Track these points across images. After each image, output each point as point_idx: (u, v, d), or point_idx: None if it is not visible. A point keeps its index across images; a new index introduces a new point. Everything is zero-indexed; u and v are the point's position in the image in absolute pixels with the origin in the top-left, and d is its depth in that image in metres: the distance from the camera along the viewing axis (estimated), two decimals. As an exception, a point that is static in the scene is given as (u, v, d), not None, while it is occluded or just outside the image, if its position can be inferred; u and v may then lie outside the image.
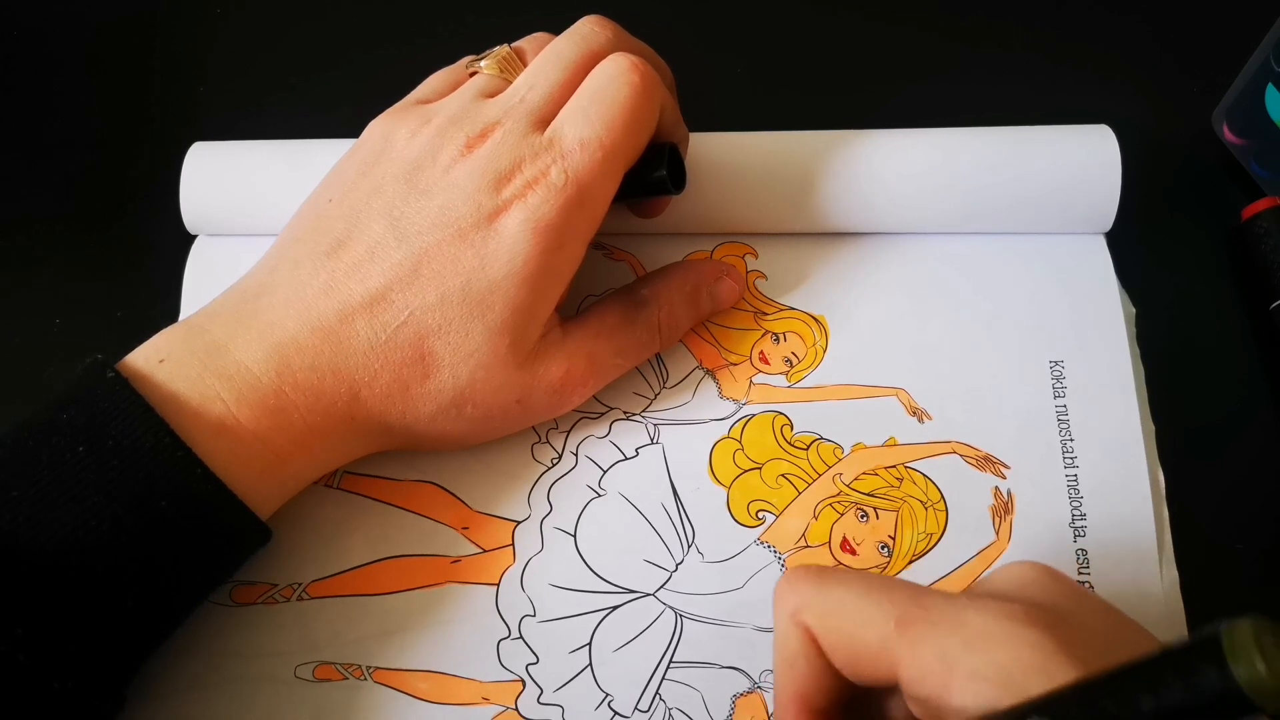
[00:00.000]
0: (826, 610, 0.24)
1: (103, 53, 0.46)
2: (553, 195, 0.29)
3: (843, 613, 0.23)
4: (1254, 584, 0.33)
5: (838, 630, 0.24)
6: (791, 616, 0.24)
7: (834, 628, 0.24)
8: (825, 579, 0.24)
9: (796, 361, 0.35)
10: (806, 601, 0.24)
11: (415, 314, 0.29)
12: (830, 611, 0.24)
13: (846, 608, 0.23)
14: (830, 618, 0.24)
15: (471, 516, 0.34)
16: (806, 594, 0.24)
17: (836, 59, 0.43)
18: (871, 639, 0.23)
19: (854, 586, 0.24)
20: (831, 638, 0.24)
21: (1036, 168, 0.35)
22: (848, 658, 0.24)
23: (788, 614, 0.24)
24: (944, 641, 0.22)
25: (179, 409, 0.27)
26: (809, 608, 0.24)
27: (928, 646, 0.22)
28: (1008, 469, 0.33)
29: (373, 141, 0.32)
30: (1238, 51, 0.38)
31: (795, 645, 0.24)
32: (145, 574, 0.27)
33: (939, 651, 0.22)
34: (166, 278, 0.38)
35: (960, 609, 0.22)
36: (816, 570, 0.25)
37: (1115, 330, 0.35)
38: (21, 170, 0.43)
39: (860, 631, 0.23)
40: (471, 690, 0.31)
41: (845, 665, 0.24)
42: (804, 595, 0.24)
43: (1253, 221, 0.37)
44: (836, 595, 0.24)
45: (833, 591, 0.24)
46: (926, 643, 0.22)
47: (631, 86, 0.30)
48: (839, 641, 0.24)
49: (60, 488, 0.26)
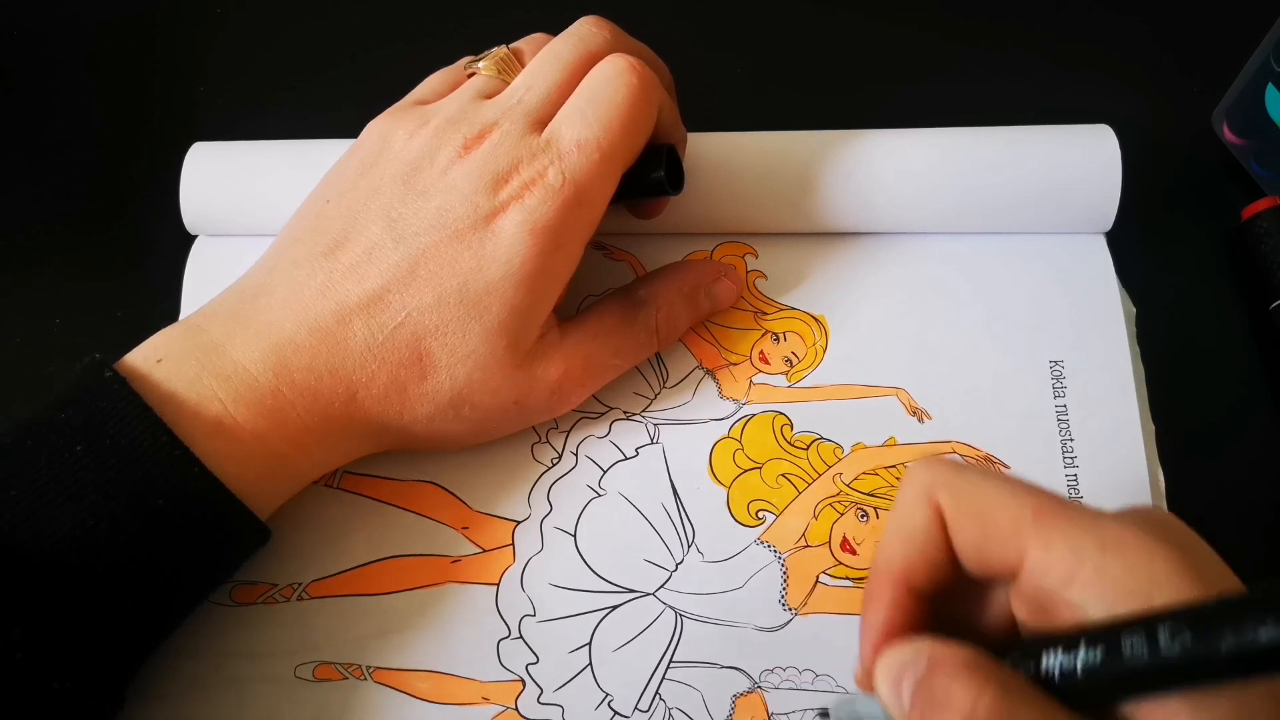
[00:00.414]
0: (964, 490, 0.24)
1: (103, 53, 0.46)
2: (550, 196, 0.29)
3: (981, 495, 0.23)
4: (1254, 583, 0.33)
5: (971, 511, 0.23)
6: (924, 491, 0.24)
7: (968, 507, 0.23)
8: (965, 465, 0.25)
9: (796, 361, 0.35)
10: (944, 478, 0.24)
11: (412, 315, 0.29)
12: (967, 492, 0.24)
13: (986, 491, 0.23)
14: (967, 498, 0.23)
15: (471, 516, 0.34)
16: (945, 473, 0.24)
17: (836, 59, 0.43)
18: (1005, 524, 0.23)
19: (993, 476, 0.24)
20: (964, 517, 0.23)
21: (1037, 167, 0.35)
22: (975, 538, 0.23)
23: (920, 488, 0.24)
24: (1080, 537, 0.22)
25: (177, 409, 0.27)
26: (946, 485, 0.24)
27: (1062, 539, 0.22)
28: (1008, 469, 0.33)
29: (371, 142, 0.32)
30: (1238, 51, 0.38)
31: (920, 519, 0.24)
32: (143, 573, 0.27)
33: (1073, 546, 0.21)
34: (166, 278, 0.38)
35: (1099, 516, 0.22)
36: (954, 461, 0.25)
37: (1115, 330, 0.35)
38: (22, 170, 0.43)
39: (995, 514, 0.23)
40: (471, 690, 0.31)
41: (970, 546, 0.23)
42: (942, 474, 0.24)
43: (1253, 221, 0.37)
44: (975, 480, 0.24)
45: (972, 476, 0.24)
46: (1062, 535, 0.22)
47: (629, 87, 0.30)
48: (970, 521, 0.23)
49: (58, 487, 0.26)
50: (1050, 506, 0.22)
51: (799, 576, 0.32)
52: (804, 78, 0.43)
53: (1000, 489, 0.23)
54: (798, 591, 0.32)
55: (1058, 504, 0.23)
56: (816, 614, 0.32)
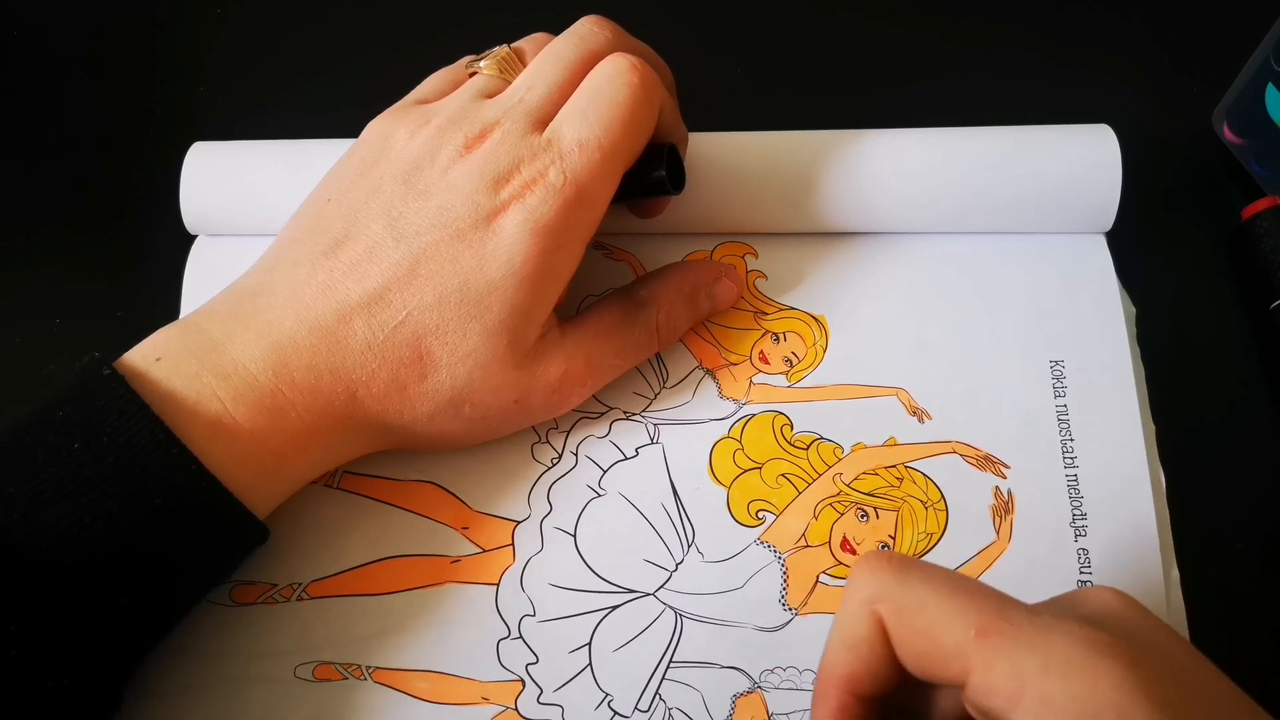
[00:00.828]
0: (906, 605, 0.23)
1: (103, 53, 0.46)
2: (551, 196, 0.29)
3: (924, 612, 0.23)
4: (1255, 583, 0.33)
5: (914, 627, 0.23)
6: (865, 602, 0.23)
7: (911, 624, 0.23)
8: (909, 573, 0.23)
9: (796, 361, 0.35)
10: (886, 592, 0.23)
11: (413, 314, 0.29)
12: (910, 608, 0.23)
13: (929, 607, 0.23)
14: (909, 614, 0.23)
15: (471, 516, 0.34)
16: (888, 584, 0.23)
17: (836, 59, 0.43)
18: (948, 642, 0.22)
19: (938, 586, 0.23)
20: (905, 633, 0.23)
21: (1037, 167, 0.35)
22: (918, 655, 0.23)
23: (862, 599, 0.24)
24: (1023, 659, 0.21)
25: (175, 407, 0.27)
26: (888, 599, 0.23)
27: (1005, 661, 0.21)
28: (1008, 469, 0.33)
29: (372, 141, 0.32)
30: (1238, 51, 0.38)
31: (862, 631, 0.23)
32: (141, 571, 0.27)
33: (1015, 668, 0.21)
34: (166, 278, 0.38)
35: (1045, 630, 0.21)
36: (900, 560, 0.24)
37: (1115, 330, 0.35)
38: (22, 170, 0.43)
39: (938, 633, 0.22)
40: (471, 690, 0.31)
41: (912, 661, 0.23)
42: (884, 584, 0.23)
43: (1253, 221, 0.37)
44: (919, 593, 0.23)
45: (916, 588, 0.23)
46: (1004, 656, 0.21)
47: (630, 87, 0.30)
48: (913, 638, 0.23)
49: (55, 484, 0.26)
50: (994, 623, 0.22)
51: (799, 576, 0.32)
52: (804, 78, 0.43)
53: (943, 603, 0.23)
54: (798, 591, 0.32)
55: (1002, 619, 0.22)
56: (817, 614, 0.32)
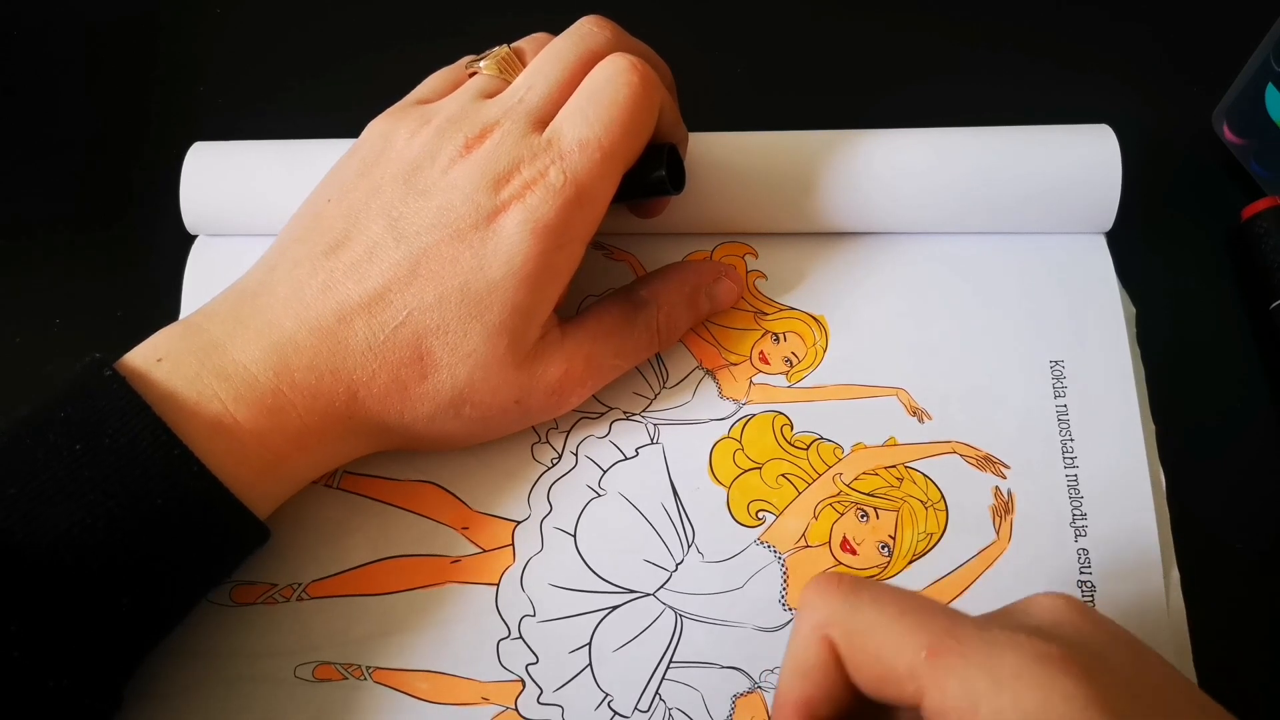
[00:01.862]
0: (856, 630, 0.23)
1: (103, 53, 0.46)
2: (551, 196, 0.29)
3: (873, 635, 0.23)
4: (1255, 583, 0.33)
5: (865, 651, 0.23)
6: (816, 628, 0.24)
7: (862, 648, 0.23)
8: (858, 596, 0.23)
9: (796, 361, 0.35)
10: (836, 617, 0.23)
11: (413, 314, 0.29)
12: (860, 631, 0.23)
13: (878, 631, 0.23)
14: (859, 637, 0.23)
15: (471, 516, 0.34)
16: (837, 609, 0.23)
17: (836, 59, 0.43)
18: (900, 665, 0.22)
19: (887, 608, 0.23)
20: (858, 658, 0.23)
21: (1037, 167, 0.35)
22: (871, 678, 0.23)
23: (812, 624, 0.24)
24: (974, 677, 0.21)
25: (176, 407, 0.27)
26: (837, 624, 0.23)
27: (956, 680, 0.21)
28: (1008, 469, 0.33)
29: (372, 142, 0.32)
30: (1238, 51, 0.38)
31: (814, 657, 0.24)
32: (141, 572, 0.27)
33: (967, 687, 0.21)
34: (166, 278, 0.38)
35: (995, 645, 0.22)
36: (850, 584, 0.24)
37: (1115, 330, 0.35)
38: (22, 170, 0.43)
39: (889, 656, 0.22)
40: (471, 690, 0.31)
41: (866, 684, 0.23)
42: (834, 609, 0.23)
43: (1253, 221, 0.37)
44: (868, 616, 0.23)
45: (865, 612, 0.23)
46: (955, 676, 0.21)
47: (630, 87, 0.30)
48: (865, 662, 0.23)
49: (56, 485, 0.26)
50: (944, 642, 0.22)
51: (799, 576, 0.32)
52: (804, 78, 0.43)
53: (893, 625, 0.23)
54: (798, 591, 0.32)
55: (951, 637, 0.22)
56: (817, 614, 0.32)
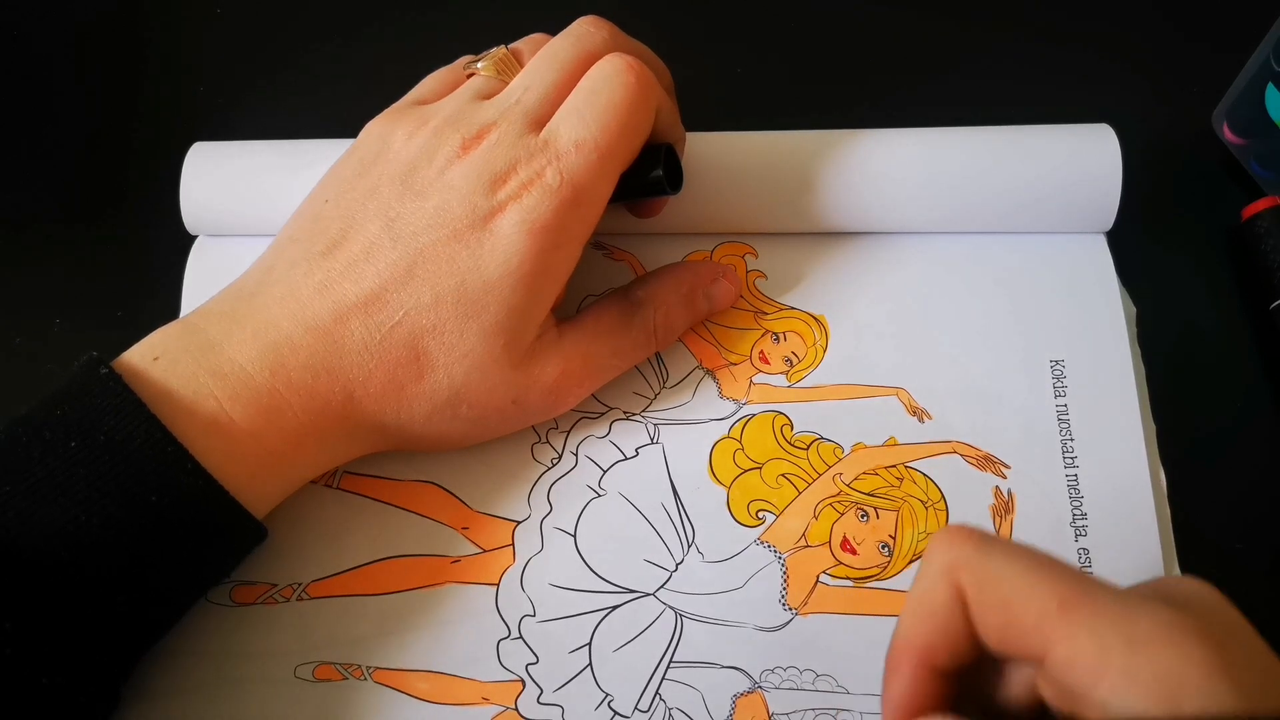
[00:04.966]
0: (987, 575, 0.23)
1: (103, 52, 0.46)
2: (548, 196, 0.29)
3: (1006, 582, 0.22)
4: (1255, 583, 0.33)
5: (995, 598, 0.22)
6: (946, 571, 0.23)
7: (991, 594, 0.22)
8: (990, 543, 0.23)
9: (796, 361, 0.35)
10: (967, 560, 0.23)
11: (410, 314, 0.29)
12: (991, 578, 0.22)
13: (1011, 578, 0.22)
14: (990, 584, 0.22)
15: (471, 516, 0.34)
16: (968, 553, 0.23)
17: (836, 59, 0.43)
18: (1029, 615, 0.22)
19: (1019, 559, 0.23)
20: (986, 604, 0.23)
21: (1037, 167, 0.35)
22: (998, 626, 0.22)
23: (942, 567, 0.23)
24: (1107, 634, 0.21)
25: (172, 406, 0.27)
26: (969, 567, 0.23)
27: (1089, 635, 0.21)
28: (1008, 469, 0.33)
29: (370, 142, 0.32)
30: (1238, 51, 0.38)
31: (942, 599, 0.23)
32: (136, 570, 0.27)
33: (1100, 643, 0.21)
34: (166, 278, 0.38)
35: (1130, 606, 0.21)
36: (980, 534, 0.23)
37: (1116, 330, 0.35)
38: (22, 170, 0.43)
39: (1019, 604, 0.22)
40: (471, 690, 0.31)
41: (991, 632, 0.23)
42: (965, 554, 0.23)
43: (1253, 221, 0.37)
44: (1000, 564, 0.22)
45: (996, 559, 0.23)
46: (1088, 630, 0.21)
47: (626, 87, 0.30)
48: (993, 609, 0.22)
49: (51, 482, 0.26)
50: (1077, 597, 0.21)
51: (799, 576, 0.32)
52: (804, 78, 0.43)
53: (1025, 575, 0.22)
54: (798, 591, 0.32)
55: (1085, 594, 0.22)
56: (817, 614, 0.32)
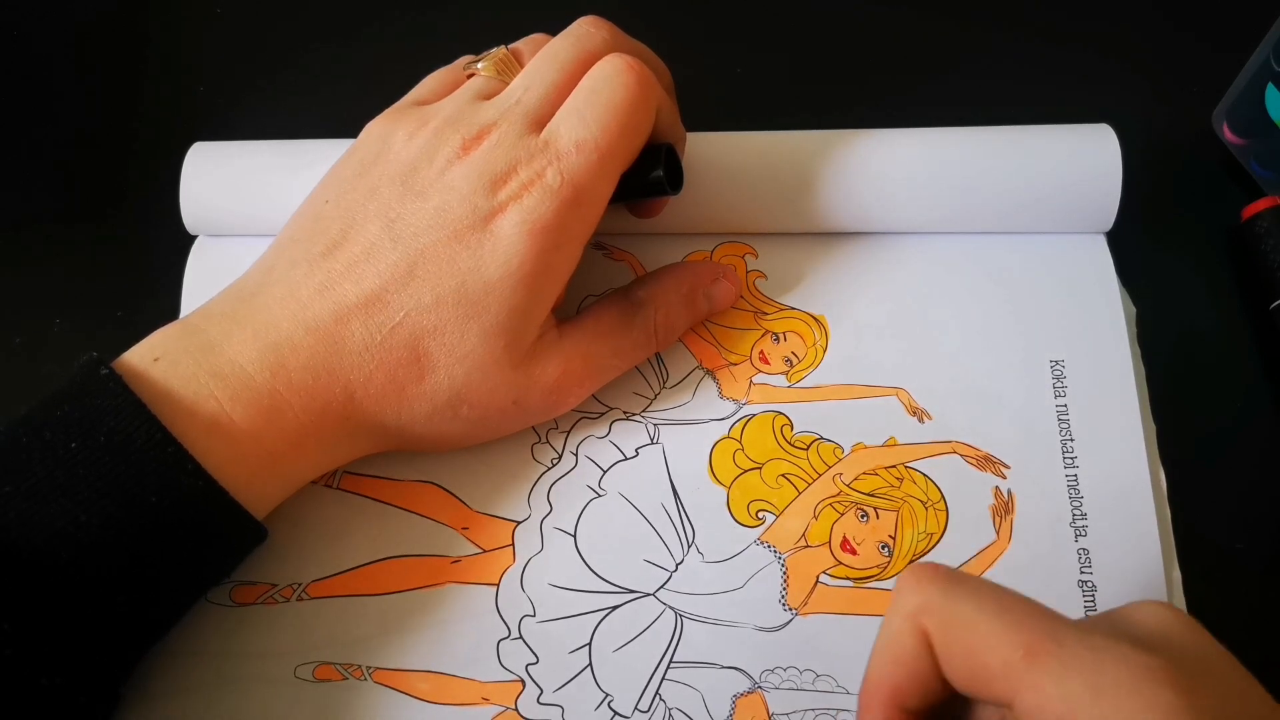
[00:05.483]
0: (953, 621, 0.22)
1: (103, 52, 0.46)
2: (548, 197, 0.29)
3: (971, 629, 0.22)
4: (1256, 584, 0.33)
5: (960, 645, 0.22)
6: (911, 616, 0.23)
7: (957, 641, 0.22)
8: (955, 587, 0.23)
9: (796, 361, 0.35)
10: (932, 606, 0.23)
11: (411, 315, 0.29)
12: (956, 624, 0.22)
13: (977, 625, 0.22)
14: (955, 630, 0.22)
15: (471, 516, 0.34)
16: (933, 598, 0.23)
17: (836, 59, 0.43)
18: (994, 662, 0.22)
19: (986, 603, 0.22)
20: (952, 650, 0.23)
21: (1037, 167, 0.35)
22: (963, 671, 0.22)
23: (907, 612, 0.23)
24: (1072, 683, 0.21)
25: (173, 407, 0.27)
26: (933, 613, 0.23)
27: (1054, 684, 0.21)
28: (1008, 468, 0.33)
29: (370, 143, 0.32)
30: (1238, 51, 0.38)
31: (908, 645, 0.23)
32: (136, 570, 0.27)
33: (1065, 692, 0.21)
34: (166, 278, 0.38)
35: (1096, 651, 0.21)
36: (947, 574, 0.23)
37: (1116, 329, 0.35)
38: (21, 170, 0.43)
39: (985, 652, 0.22)
40: (471, 690, 0.31)
41: (958, 678, 0.23)
42: (930, 598, 0.23)
43: (1253, 221, 0.37)
44: (967, 609, 0.22)
45: (963, 604, 0.23)
46: (1054, 680, 0.21)
47: (626, 88, 0.30)
48: (958, 654, 0.22)
49: (51, 483, 0.26)
50: (1042, 644, 0.21)
51: (799, 577, 0.32)
52: (804, 78, 0.43)
53: (990, 622, 0.22)
54: (798, 592, 0.32)
55: (1051, 639, 0.21)
56: (817, 614, 0.32)
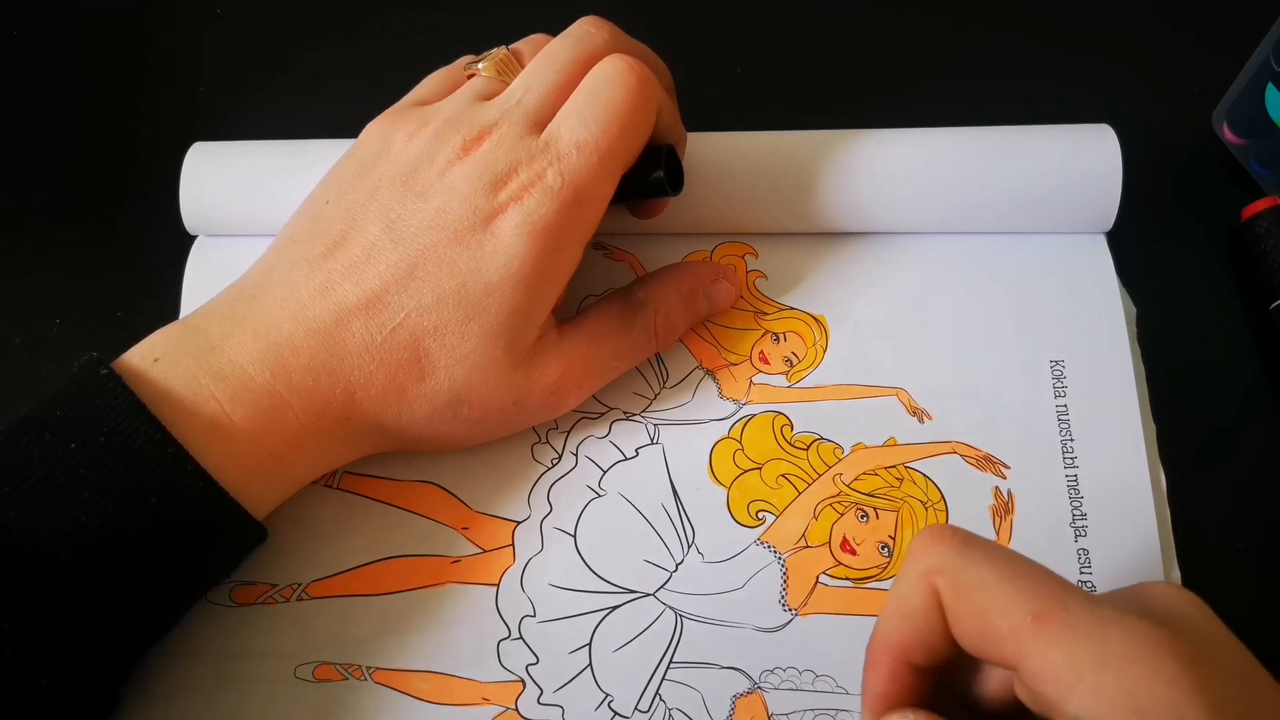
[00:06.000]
0: (965, 582, 0.23)
1: (103, 52, 0.46)
2: (549, 198, 0.29)
3: (982, 591, 0.22)
4: (1255, 584, 0.33)
5: (971, 606, 0.23)
6: (924, 574, 0.23)
7: (967, 602, 0.23)
8: (969, 549, 0.23)
9: (796, 361, 0.35)
10: (946, 565, 0.23)
11: (411, 315, 0.29)
12: (968, 584, 0.23)
13: (987, 587, 0.22)
14: (966, 590, 0.23)
15: (471, 516, 0.34)
16: (948, 558, 0.23)
17: (836, 59, 0.43)
18: (1003, 625, 0.22)
19: (999, 566, 0.23)
20: (962, 611, 0.23)
21: (1037, 167, 0.35)
22: (973, 633, 0.23)
23: (920, 570, 0.23)
24: (1079, 649, 0.21)
25: (172, 407, 0.27)
26: (946, 572, 0.23)
27: (1061, 649, 0.21)
28: (1008, 469, 0.33)
29: (370, 143, 0.32)
30: (1238, 51, 0.38)
31: (918, 602, 0.23)
32: (136, 570, 0.27)
33: (1071, 658, 0.21)
34: (166, 278, 0.38)
35: (1104, 620, 0.21)
36: (961, 536, 0.23)
37: (1116, 330, 0.35)
38: (21, 169, 0.43)
39: (994, 614, 0.22)
40: (471, 690, 0.31)
41: (967, 639, 0.23)
42: (944, 558, 0.23)
43: (1253, 221, 0.37)
44: (979, 571, 0.23)
45: (976, 566, 0.23)
46: (1060, 645, 0.21)
47: (627, 89, 0.30)
48: (968, 616, 0.23)
49: (51, 483, 0.26)
50: (1051, 610, 0.22)
51: (799, 577, 0.32)
52: (804, 78, 0.43)
53: (1001, 586, 0.22)
54: (798, 592, 0.32)
55: (1060, 606, 0.22)
56: (817, 614, 0.32)
